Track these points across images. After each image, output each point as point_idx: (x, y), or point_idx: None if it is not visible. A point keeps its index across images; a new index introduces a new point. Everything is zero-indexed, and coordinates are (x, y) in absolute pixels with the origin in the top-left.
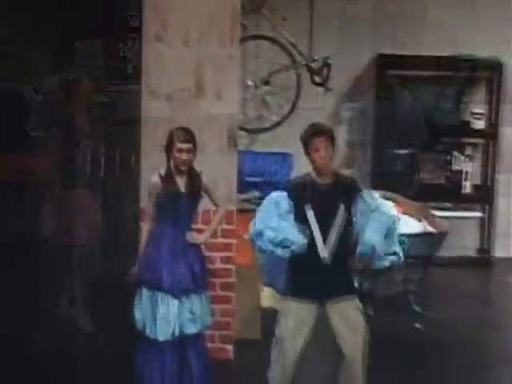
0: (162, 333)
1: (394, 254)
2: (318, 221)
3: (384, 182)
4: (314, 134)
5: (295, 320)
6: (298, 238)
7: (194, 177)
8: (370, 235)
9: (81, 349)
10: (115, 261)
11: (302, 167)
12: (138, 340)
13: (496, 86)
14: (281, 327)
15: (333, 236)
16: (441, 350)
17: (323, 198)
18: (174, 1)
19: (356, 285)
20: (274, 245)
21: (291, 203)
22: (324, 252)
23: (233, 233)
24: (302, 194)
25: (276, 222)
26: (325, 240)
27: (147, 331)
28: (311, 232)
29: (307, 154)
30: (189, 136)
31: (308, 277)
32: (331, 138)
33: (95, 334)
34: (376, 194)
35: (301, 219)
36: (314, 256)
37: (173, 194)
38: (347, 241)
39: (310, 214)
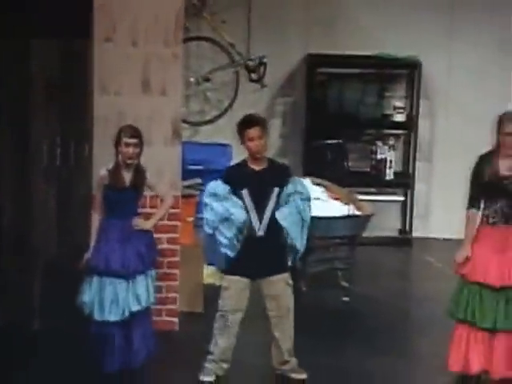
0: (112, 314)
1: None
2: (253, 203)
3: (315, 169)
4: (248, 125)
5: (236, 294)
6: (240, 214)
7: (139, 173)
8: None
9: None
10: (68, 247)
11: (240, 156)
12: (89, 320)
13: (415, 83)
14: (223, 301)
15: (267, 217)
16: (367, 320)
17: (258, 183)
18: (122, 5)
19: (289, 263)
20: (220, 226)
21: (228, 188)
22: (260, 231)
23: (177, 216)
24: (238, 179)
25: (219, 205)
26: (260, 221)
27: (96, 314)
28: (248, 213)
29: (243, 142)
30: (135, 132)
31: (246, 254)
32: (264, 128)
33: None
34: (307, 180)
35: (233, 201)
36: (250, 234)
37: (119, 187)
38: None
39: (247, 197)
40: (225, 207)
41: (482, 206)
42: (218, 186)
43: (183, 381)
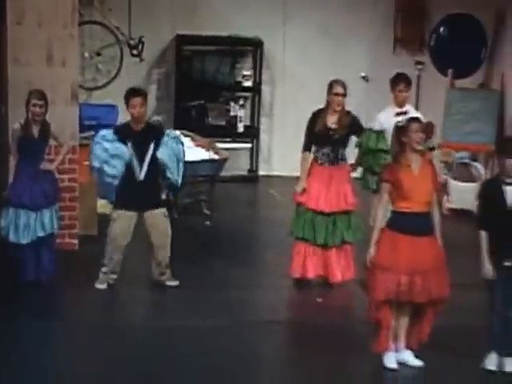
0: (24, 238)
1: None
2: (135, 153)
3: (183, 124)
4: (132, 95)
5: (123, 224)
6: (127, 152)
7: (45, 126)
8: (166, 158)
9: None
10: None
11: (125, 114)
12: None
13: (258, 57)
14: (113, 230)
15: (146, 165)
16: (225, 239)
17: (139, 138)
18: None
19: (164, 197)
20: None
21: (115, 137)
22: (141, 175)
23: (76, 161)
24: (124, 135)
25: (109, 144)
26: (141, 168)
27: (11, 237)
28: (131, 161)
29: (127, 108)
30: (42, 95)
31: (130, 193)
32: (144, 99)
33: None
34: (177, 133)
35: (121, 151)
36: (133, 178)
37: (29, 138)
38: (156, 167)
39: (130, 150)
40: (114, 146)
41: (313, 150)
42: (108, 133)
43: (84, 288)
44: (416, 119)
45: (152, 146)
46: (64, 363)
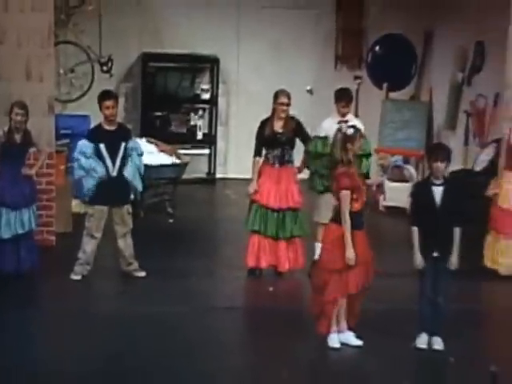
0: (6, 233)
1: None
2: (108, 153)
3: (149, 132)
4: (105, 97)
5: (97, 218)
6: (101, 169)
7: (26, 134)
8: (131, 176)
9: None
10: None
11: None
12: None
13: (215, 73)
14: (89, 223)
15: (118, 163)
16: (187, 235)
17: (111, 139)
18: (11, 19)
19: (132, 196)
20: (87, 176)
21: (91, 145)
22: (113, 172)
23: (52, 165)
24: (97, 137)
25: (86, 161)
26: (113, 165)
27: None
28: (104, 160)
29: (100, 109)
30: (23, 106)
31: (104, 189)
32: (116, 101)
33: None
34: (143, 140)
35: (98, 153)
36: (107, 176)
37: (11, 143)
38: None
39: (103, 149)
40: (89, 163)
41: (264, 152)
42: (85, 145)
43: (60, 279)
44: (358, 129)
45: (123, 145)
46: (42, 349)
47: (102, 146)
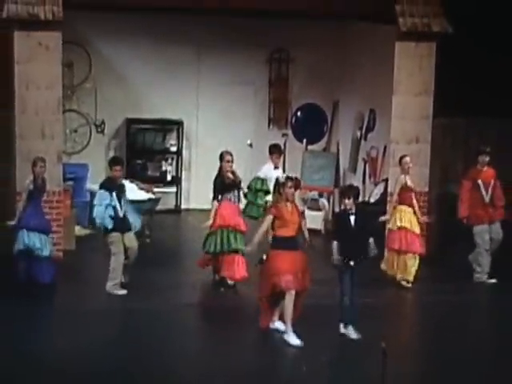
0: (22, 245)
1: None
2: (117, 199)
3: (132, 175)
4: (115, 163)
5: (119, 243)
6: (109, 219)
7: (43, 180)
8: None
9: None
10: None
11: (94, 171)
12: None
13: (180, 131)
14: (115, 248)
15: (124, 206)
16: (159, 251)
17: (118, 189)
18: (29, 94)
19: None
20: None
21: (107, 193)
22: (121, 213)
23: (60, 201)
24: (110, 187)
25: (104, 210)
26: (120, 208)
27: (23, 251)
28: (115, 205)
29: (111, 170)
30: (43, 160)
31: (117, 223)
32: (122, 165)
33: None
34: (127, 181)
35: (111, 198)
36: (117, 215)
37: (36, 189)
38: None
39: (114, 196)
40: (103, 211)
41: (220, 197)
42: (104, 197)
43: (72, 287)
44: (290, 178)
45: (126, 194)
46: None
47: (113, 194)
